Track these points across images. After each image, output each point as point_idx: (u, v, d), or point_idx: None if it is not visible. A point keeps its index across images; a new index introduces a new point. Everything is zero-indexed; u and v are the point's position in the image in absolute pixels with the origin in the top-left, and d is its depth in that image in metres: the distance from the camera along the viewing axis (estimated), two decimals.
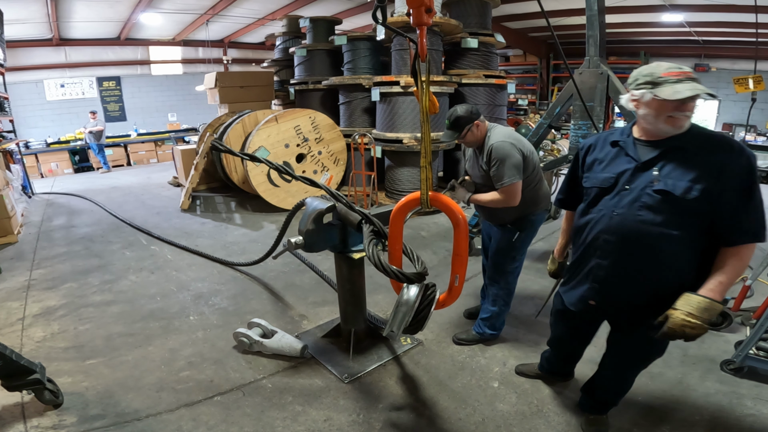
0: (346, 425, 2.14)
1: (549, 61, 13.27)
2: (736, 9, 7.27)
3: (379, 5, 1.67)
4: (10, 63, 8.75)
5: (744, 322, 2.90)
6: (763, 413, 2.17)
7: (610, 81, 3.62)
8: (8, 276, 3.98)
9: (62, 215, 6.14)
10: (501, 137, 2.35)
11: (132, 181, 8.66)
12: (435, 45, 5.76)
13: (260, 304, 3.40)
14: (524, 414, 2.20)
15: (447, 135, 2.42)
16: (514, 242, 2.53)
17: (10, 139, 7.20)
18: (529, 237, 2.59)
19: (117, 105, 11.33)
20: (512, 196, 2.33)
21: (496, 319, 2.74)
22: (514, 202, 2.34)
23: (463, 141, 2.44)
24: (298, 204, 2.69)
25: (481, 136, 2.42)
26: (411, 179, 5.85)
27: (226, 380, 2.48)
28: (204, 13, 9.31)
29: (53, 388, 2.24)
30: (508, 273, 2.64)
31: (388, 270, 1.91)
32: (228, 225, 5.50)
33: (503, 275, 2.64)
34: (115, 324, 3.11)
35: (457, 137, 2.39)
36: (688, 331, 1.45)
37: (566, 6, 8.02)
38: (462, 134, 2.38)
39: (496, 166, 2.32)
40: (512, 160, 2.30)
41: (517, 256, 2.61)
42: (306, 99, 7.34)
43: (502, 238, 2.57)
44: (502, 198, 2.35)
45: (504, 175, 2.30)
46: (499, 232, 2.58)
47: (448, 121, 2.40)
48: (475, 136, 2.40)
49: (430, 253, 4.41)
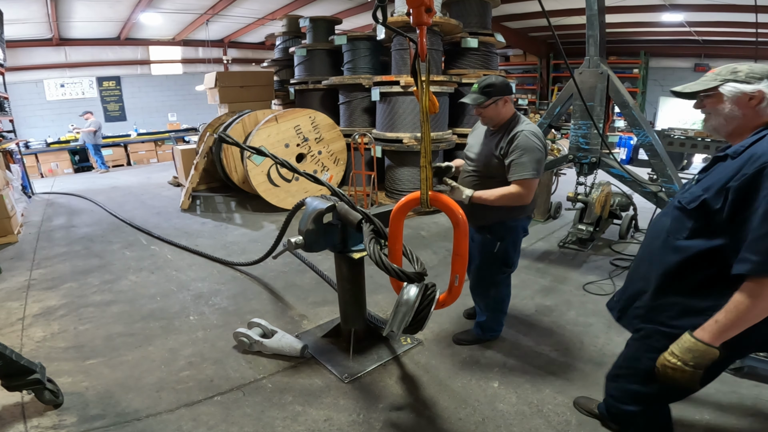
0: (346, 425, 2.14)
1: (549, 60, 13.26)
2: (736, 9, 7.27)
3: (379, 5, 1.67)
4: (10, 63, 8.75)
5: None
6: (763, 413, 2.17)
7: (610, 81, 3.61)
8: (8, 276, 3.98)
9: (62, 215, 6.14)
10: (532, 128, 2.22)
11: (132, 180, 8.66)
12: (435, 45, 5.76)
13: (260, 304, 3.40)
14: (524, 414, 2.20)
15: (471, 98, 2.25)
16: (496, 253, 2.43)
17: (10, 139, 7.20)
18: (512, 243, 2.47)
19: (117, 105, 11.33)
20: (529, 191, 2.19)
21: (493, 322, 2.73)
22: (527, 199, 2.20)
23: (482, 113, 2.28)
24: (298, 204, 2.69)
25: (504, 116, 2.28)
26: (411, 179, 5.85)
27: (226, 380, 2.48)
28: (204, 12, 9.30)
29: (53, 388, 2.24)
30: (498, 283, 2.57)
31: (389, 268, 1.91)
32: (228, 225, 5.50)
33: (493, 286, 2.57)
34: (115, 324, 3.11)
35: (481, 104, 2.23)
36: (670, 373, 1.33)
37: (566, 6, 8.01)
38: (486, 103, 2.22)
39: (519, 155, 2.16)
40: (537, 155, 2.17)
41: (504, 265, 2.51)
42: (306, 99, 7.34)
43: (484, 248, 2.45)
44: (516, 192, 2.18)
45: (525, 168, 2.16)
46: (480, 239, 2.46)
47: (477, 85, 2.23)
48: (498, 113, 2.26)
49: (430, 253, 4.41)
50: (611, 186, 4.64)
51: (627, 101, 3.57)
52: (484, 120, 2.36)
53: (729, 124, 1.38)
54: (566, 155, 4.15)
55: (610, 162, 3.78)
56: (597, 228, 4.56)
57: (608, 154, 3.86)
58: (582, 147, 3.85)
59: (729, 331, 1.26)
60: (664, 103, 11.65)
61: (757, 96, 1.31)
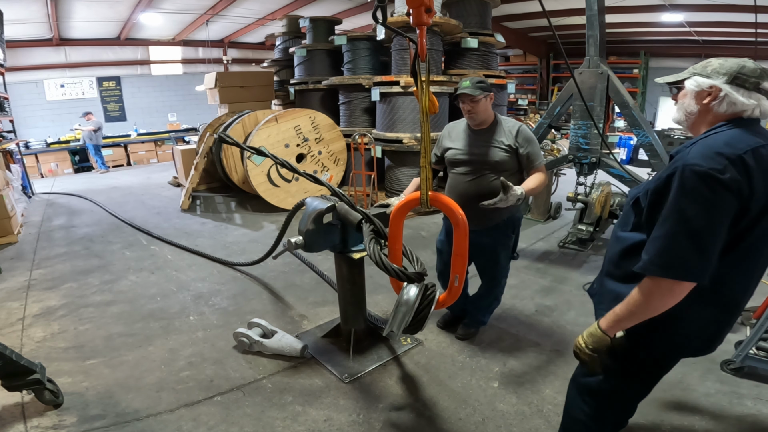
0: (346, 425, 2.14)
1: (549, 61, 13.27)
2: (736, 9, 7.27)
3: (379, 5, 1.67)
4: (10, 63, 8.75)
5: (744, 322, 2.90)
6: (763, 413, 2.17)
7: (610, 81, 3.62)
8: (8, 276, 3.98)
9: (62, 215, 6.14)
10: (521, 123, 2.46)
11: (132, 181, 8.66)
12: (435, 45, 5.76)
13: (260, 304, 3.40)
14: (524, 414, 2.20)
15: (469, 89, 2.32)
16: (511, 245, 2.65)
17: (10, 139, 7.20)
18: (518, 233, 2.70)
19: (117, 105, 11.33)
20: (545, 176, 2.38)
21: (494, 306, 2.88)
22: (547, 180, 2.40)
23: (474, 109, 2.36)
24: (298, 204, 2.69)
25: (491, 113, 2.44)
26: (411, 179, 5.83)
27: (226, 380, 2.48)
28: (204, 13, 9.31)
29: (53, 388, 2.24)
30: (507, 269, 2.76)
31: (389, 268, 1.91)
32: (228, 225, 5.50)
33: (504, 273, 2.74)
34: (115, 324, 3.11)
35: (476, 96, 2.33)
36: (578, 353, 1.39)
37: (566, 6, 8.02)
38: (478, 97, 2.32)
39: (530, 146, 2.37)
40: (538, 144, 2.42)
41: (513, 253, 2.71)
42: (306, 99, 7.34)
43: (501, 244, 2.58)
44: (545, 177, 2.36)
45: (539, 155, 2.39)
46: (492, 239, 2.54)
47: (469, 81, 2.34)
48: (487, 109, 2.39)
49: (430, 253, 4.41)
50: (611, 186, 4.64)
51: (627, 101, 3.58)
52: (473, 116, 2.41)
53: (687, 119, 1.35)
54: (566, 155, 4.15)
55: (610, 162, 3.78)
56: (597, 228, 4.56)
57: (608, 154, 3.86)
58: (582, 147, 3.85)
59: (622, 322, 1.30)
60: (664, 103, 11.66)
61: (712, 93, 1.26)
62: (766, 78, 1.23)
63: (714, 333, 1.36)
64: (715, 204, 1.13)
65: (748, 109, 1.23)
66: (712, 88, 1.26)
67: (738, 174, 1.12)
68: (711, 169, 1.11)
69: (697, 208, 1.13)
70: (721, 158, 1.13)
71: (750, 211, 1.16)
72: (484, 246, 2.55)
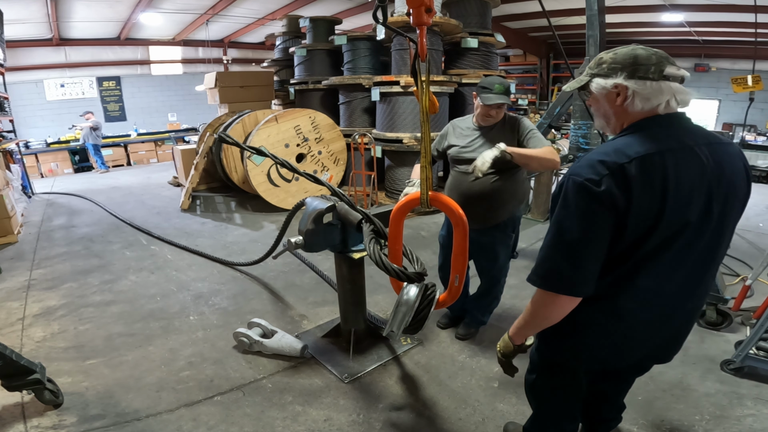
0: (346, 425, 2.14)
1: (549, 60, 13.26)
2: (736, 9, 7.27)
3: (379, 5, 1.67)
4: (10, 63, 8.75)
5: (744, 322, 2.90)
6: (763, 413, 2.16)
7: None
8: (8, 276, 3.98)
9: (62, 215, 6.14)
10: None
11: (132, 181, 8.66)
12: (435, 45, 5.76)
13: (260, 304, 3.40)
14: (524, 414, 2.19)
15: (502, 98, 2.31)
16: (512, 244, 2.67)
17: (10, 139, 7.20)
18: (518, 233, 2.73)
19: (117, 105, 11.33)
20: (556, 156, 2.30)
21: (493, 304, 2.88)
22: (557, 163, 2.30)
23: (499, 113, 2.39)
24: (298, 204, 2.69)
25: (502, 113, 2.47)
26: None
27: (226, 380, 2.48)
28: (204, 13, 9.30)
29: (53, 388, 2.24)
30: (507, 269, 2.77)
31: (389, 268, 1.91)
32: (228, 225, 5.50)
33: (504, 272, 2.75)
34: (115, 324, 3.11)
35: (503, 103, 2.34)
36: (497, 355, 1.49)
37: (566, 6, 8.01)
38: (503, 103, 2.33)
39: (532, 132, 2.38)
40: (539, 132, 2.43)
41: (511, 252, 2.72)
42: (306, 99, 7.34)
43: (502, 244, 2.59)
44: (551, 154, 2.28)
45: (542, 140, 2.37)
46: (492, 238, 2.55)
47: (500, 86, 2.32)
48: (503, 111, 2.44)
49: (430, 253, 4.41)
50: None
51: None
52: (491, 119, 2.41)
53: (608, 123, 1.24)
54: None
55: None
56: None
57: None
58: (582, 147, 3.85)
59: (521, 330, 1.35)
60: None
61: (621, 91, 1.15)
62: (666, 62, 1.13)
63: (617, 344, 1.29)
64: (587, 217, 1.08)
65: (662, 102, 1.13)
66: (617, 86, 1.16)
67: (615, 186, 1.05)
68: (587, 180, 1.06)
69: (571, 220, 1.09)
70: (601, 167, 1.07)
71: (628, 225, 1.07)
72: (484, 245, 2.56)
